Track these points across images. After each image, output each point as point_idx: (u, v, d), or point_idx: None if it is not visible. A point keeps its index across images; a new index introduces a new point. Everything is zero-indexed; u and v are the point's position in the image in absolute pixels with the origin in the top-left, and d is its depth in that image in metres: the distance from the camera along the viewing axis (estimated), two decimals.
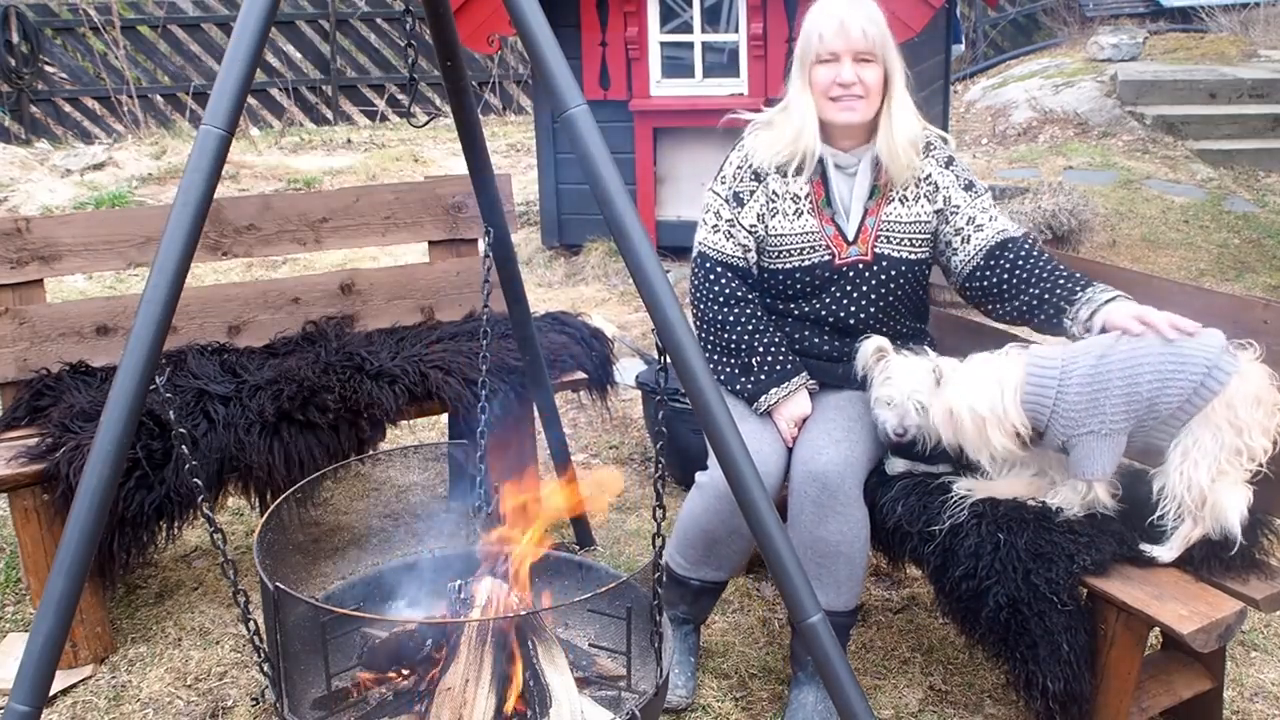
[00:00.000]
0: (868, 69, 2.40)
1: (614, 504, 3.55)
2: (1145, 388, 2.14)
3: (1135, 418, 2.17)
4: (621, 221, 1.78)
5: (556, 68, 1.78)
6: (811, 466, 2.38)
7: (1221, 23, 11.05)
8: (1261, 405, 2.10)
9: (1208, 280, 5.70)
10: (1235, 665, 2.69)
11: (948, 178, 2.53)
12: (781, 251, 2.52)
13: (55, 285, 5.50)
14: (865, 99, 2.42)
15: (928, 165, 2.52)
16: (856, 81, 2.39)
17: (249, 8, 1.75)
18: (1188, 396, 2.12)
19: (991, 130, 9.19)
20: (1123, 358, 2.18)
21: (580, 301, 5.49)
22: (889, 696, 2.61)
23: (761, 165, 2.51)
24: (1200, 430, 2.12)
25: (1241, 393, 2.09)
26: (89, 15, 10.12)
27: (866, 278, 2.51)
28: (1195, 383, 2.11)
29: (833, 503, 2.36)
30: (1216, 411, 2.10)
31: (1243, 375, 2.10)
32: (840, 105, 2.42)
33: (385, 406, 2.93)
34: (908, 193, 2.51)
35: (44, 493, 2.65)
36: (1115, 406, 2.16)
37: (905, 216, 2.51)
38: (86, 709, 2.61)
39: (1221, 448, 2.10)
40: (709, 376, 1.81)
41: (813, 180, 2.50)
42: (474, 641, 1.94)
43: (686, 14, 5.60)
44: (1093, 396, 2.18)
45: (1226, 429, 2.09)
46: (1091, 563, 2.18)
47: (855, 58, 2.39)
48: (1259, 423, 2.09)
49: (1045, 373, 2.23)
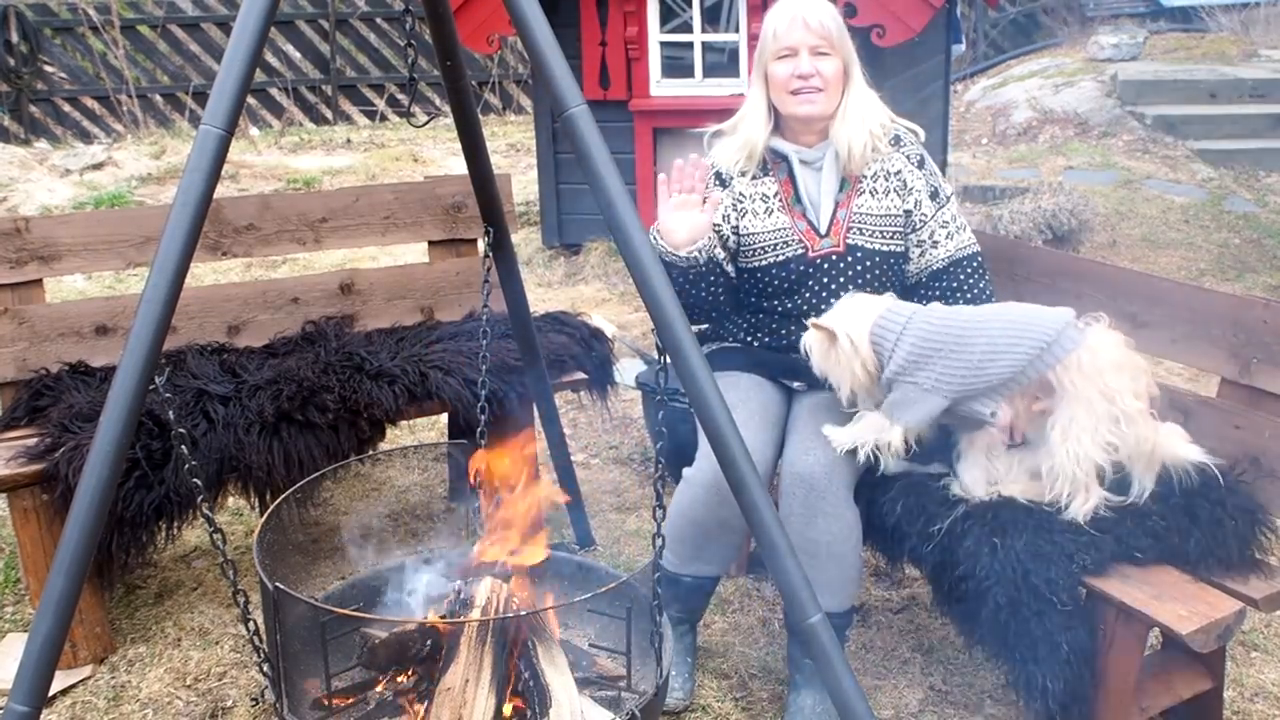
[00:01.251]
0: (825, 61, 2.47)
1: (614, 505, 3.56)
2: (976, 355, 2.22)
3: (962, 384, 2.24)
4: (621, 221, 1.78)
5: (556, 68, 1.78)
6: (799, 468, 2.39)
7: (1222, 22, 11.05)
8: (1124, 370, 2.19)
9: (1208, 280, 5.70)
10: (1235, 665, 2.69)
11: (918, 179, 2.56)
12: (756, 250, 2.56)
13: (54, 285, 5.49)
14: (824, 91, 2.48)
15: (897, 160, 2.56)
16: (815, 73, 2.46)
17: (249, 7, 1.74)
18: (1022, 368, 2.20)
19: (991, 130, 9.19)
20: (962, 323, 2.28)
21: (580, 301, 5.49)
22: (889, 696, 2.61)
23: (724, 170, 2.59)
24: (1073, 407, 2.18)
25: (1102, 362, 2.17)
26: (88, 15, 10.11)
27: (842, 269, 2.55)
28: (1030, 356, 2.19)
29: (820, 503, 2.36)
30: (1080, 386, 2.17)
31: (1095, 347, 2.19)
32: (800, 98, 2.48)
33: (385, 406, 2.93)
34: (877, 185, 2.55)
35: (43, 493, 2.65)
36: (944, 368, 2.24)
37: (876, 209, 2.54)
38: (86, 709, 2.61)
39: (1099, 419, 2.16)
40: (709, 376, 1.81)
41: (780, 179, 2.55)
42: (474, 641, 1.94)
43: (686, 14, 5.60)
44: (925, 351, 2.26)
45: (1098, 399, 2.17)
46: (1091, 563, 2.18)
47: (812, 51, 2.46)
48: (1127, 387, 2.17)
49: (895, 317, 2.31)
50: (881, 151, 2.54)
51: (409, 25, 2.18)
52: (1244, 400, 2.40)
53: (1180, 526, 2.24)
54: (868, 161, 2.53)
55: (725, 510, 2.39)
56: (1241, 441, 2.37)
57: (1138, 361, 2.23)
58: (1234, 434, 2.38)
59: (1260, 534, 2.26)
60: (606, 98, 5.66)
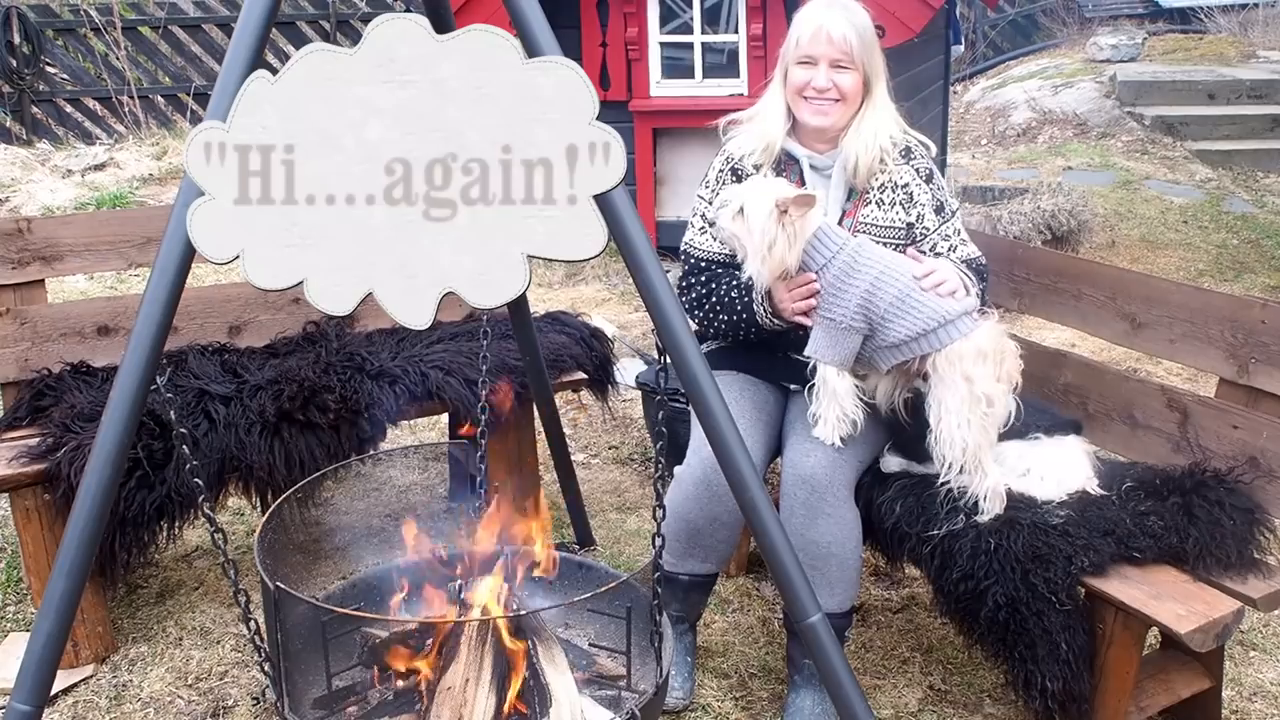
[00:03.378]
0: (844, 75, 2.46)
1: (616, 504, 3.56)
2: (881, 305, 2.32)
3: (867, 324, 2.34)
4: (621, 221, 1.78)
5: None
6: (800, 470, 2.40)
7: (1220, 23, 11.06)
8: (986, 358, 2.31)
9: (1206, 280, 5.71)
10: (1234, 665, 2.70)
11: (924, 194, 2.55)
12: None
13: (56, 285, 5.50)
14: (841, 103, 2.48)
15: (905, 173, 2.54)
16: (831, 87, 2.46)
17: (250, 9, 1.75)
18: (914, 337, 2.31)
19: (991, 131, 9.19)
20: (881, 269, 2.34)
21: (580, 301, 5.50)
22: (888, 696, 2.62)
23: (741, 165, 2.59)
24: (940, 391, 2.32)
25: (966, 349, 2.30)
26: (90, 16, 10.12)
27: None
28: (921, 329, 2.30)
29: (821, 504, 2.37)
30: (945, 370, 2.31)
31: (969, 336, 2.31)
32: (813, 108, 2.49)
33: (385, 406, 2.93)
34: (884, 196, 2.54)
35: (45, 493, 2.65)
36: (852, 304, 2.33)
37: (881, 220, 2.54)
38: (88, 708, 2.61)
39: (961, 401, 2.30)
40: (708, 376, 1.82)
41: (792, 181, 2.54)
42: (474, 641, 1.95)
43: (686, 14, 5.61)
44: (842, 284, 2.34)
45: (961, 383, 2.30)
46: (1090, 563, 2.18)
47: (832, 64, 2.45)
48: (987, 374, 2.31)
49: (831, 239, 2.37)
50: (889, 165, 2.53)
51: None
52: (1242, 400, 2.40)
53: (1179, 526, 2.24)
54: (874, 174, 2.53)
55: (717, 506, 2.40)
56: (1240, 441, 2.37)
57: (1004, 346, 2.35)
58: (1232, 434, 2.39)
59: (1259, 534, 2.27)
60: (606, 98, 5.66)
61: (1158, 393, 2.57)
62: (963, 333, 2.31)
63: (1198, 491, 2.29)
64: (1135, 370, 4.16)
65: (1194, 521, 2.24)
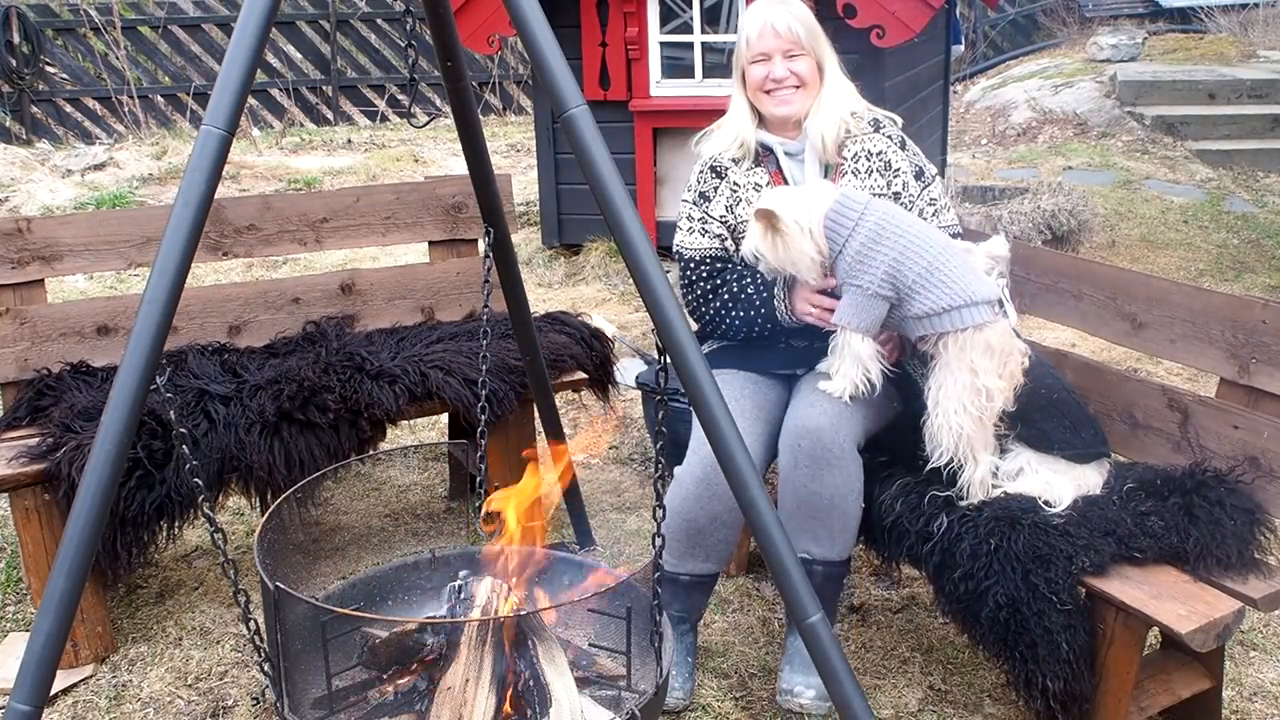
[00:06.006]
0: (798, 62, 2.58)
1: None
2: (910, 274, 2.32)
3: (895, 293, 2.34)
4: (621, 221, 1.78)
5: (556, 68, 1.78)
6: (805, 421, 2.42)
7: (1220, 23, 11.06)
8: (994, 354, 2.31)
9: (1207, 280, 5.70)
10: (1234, 665, 2.69)
11: (902, 160, 2.64)
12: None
13: (56, 285, 5.50)
14: (802, 89, 2.59)
15: (879, 142, 2.63)
16: (789, 75, 2.57)
17: (249, 8, 1.75)
18: (940, 311, 2.31)
19: (991, 131, 9.19)
20: (911, 237, 2.34)
21: (580, 301, 5.50)
22: (889, 696, 2.62)
23: (719, 162, 2.67)
24: (943, 375, 2.34)
25: (977, 340, 2.31)
26: (90, 16, 10.12)
27: None
28: (947, 305, 2.30)
29: (827, 455, 2.39)
30: (953, 355, 2.32)
31: (983, 328, 2.31)
32: (776, 99, 2.59)
33: (385, 406, 2.93)
34: (859, 165, 2.62)
35: (45, 492, 2.65)
36: (880, 271, 2.33)
37: (860, 189, 2.58)
38: (87, 708, 2.61)
39: (962, 389, 2.31)
40: (708, 376, 1.81)
41: (770, 170, 2.64)
42: (474, 641, 1.94)
43: (686, 14, 5.61)
44: (869, 249, 2.34)
45: (965, 372, 2.31)
46: (1090, 563, 2.18)
47: (784, 54, 2.57)
48: (992, 368, 2.31)
49: (850, 207, 2.38)
50: (855, 133, 2.62)
51: (409, 26, 2.18)
52: (1243, 400, 2.40)
53: (1179, 526, 2.24)
54: (841, 144, 2.61)
55: (716, 505, 2.41)
56: (1240, 441, 2.37)
57: (1011, 346, 2.36)
58: (1233, 434, 2.39)
59: (1259, 534, 2.26)
60: (606, 98, 5.66)
61: (1158, 393, 2.57)
62: (984, 318, 2.31)
63: (1198, 491, 2.29)
64: (1135, 370, 4.16)
65: (1194, 521, 2.24)
